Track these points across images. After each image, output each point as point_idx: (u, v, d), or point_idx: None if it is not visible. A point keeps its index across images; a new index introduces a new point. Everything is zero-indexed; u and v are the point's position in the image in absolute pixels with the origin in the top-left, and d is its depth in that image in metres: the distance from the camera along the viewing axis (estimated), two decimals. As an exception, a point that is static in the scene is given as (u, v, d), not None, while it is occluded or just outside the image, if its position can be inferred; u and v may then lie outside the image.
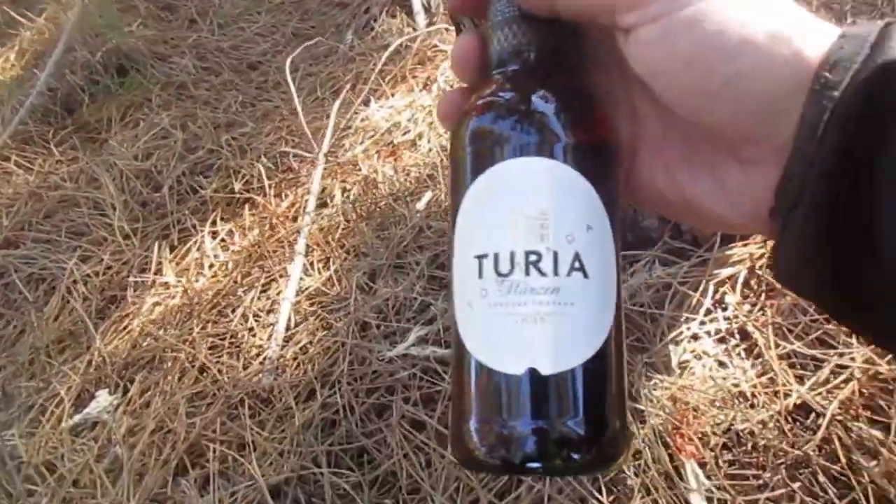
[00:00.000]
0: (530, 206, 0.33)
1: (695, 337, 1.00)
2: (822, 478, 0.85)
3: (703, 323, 1.01)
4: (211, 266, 1.41)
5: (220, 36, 2.19)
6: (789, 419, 0.90)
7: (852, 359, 0.92)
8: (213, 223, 1.51)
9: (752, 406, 0.92)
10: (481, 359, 0.33)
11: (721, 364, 0.97)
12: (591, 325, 0.33)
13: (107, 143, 1.87)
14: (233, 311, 1.27)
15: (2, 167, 1.87)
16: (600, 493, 0.87)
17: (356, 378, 1.07)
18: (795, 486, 0.84)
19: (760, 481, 0.86)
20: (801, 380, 0.93)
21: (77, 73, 2.08)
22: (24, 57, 2.31)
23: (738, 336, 1.00)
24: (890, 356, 0.90)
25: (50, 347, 1.36)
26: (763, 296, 1.02)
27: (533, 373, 0.32)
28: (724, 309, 1.02)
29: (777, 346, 0.96)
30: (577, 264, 0.33)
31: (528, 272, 0.33)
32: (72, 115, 2.03)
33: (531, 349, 0.32)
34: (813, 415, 0.90)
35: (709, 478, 0.87)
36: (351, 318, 1.15)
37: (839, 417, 0.88)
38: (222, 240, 1.47)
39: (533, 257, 0.33)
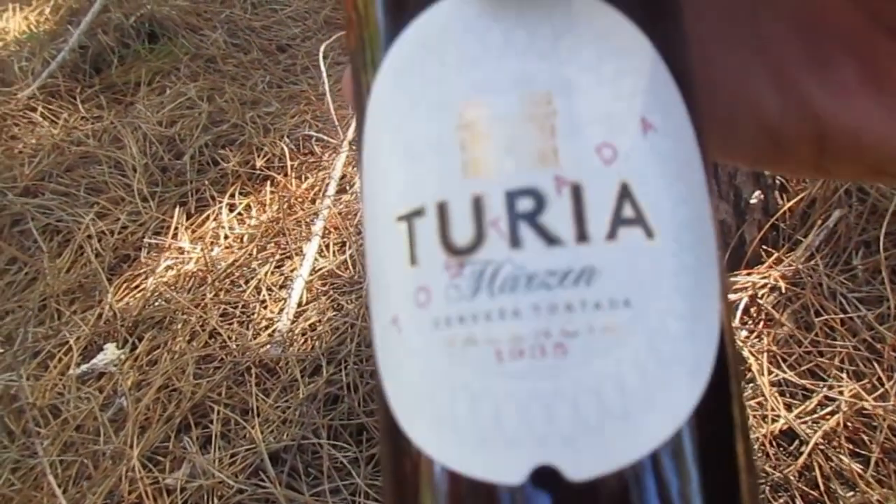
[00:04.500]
0: (513, 82, 0.16)
1: (692, 356, 1.04)
2: (799, 502, 0.89)
3: (701, 344, 1.05)
4: (226, 237, 1.44)
5: (252, 15, 2.22)
6: (774, 443, 0.94)
7: (840, 392, 0.96)
8: (232, 196, 1.54)
9: (740, 427, 0.96)
10: (425, 446, 0.16)
11: (715, 384, 1.01)
12: (675, 348, 0.16)
13: (132, 105, 1.90)
14: (246, 282, 1.30)
15: (27, 117, 1.89)
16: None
17: (363, 359, 1.10)
18: (775, 505, 0.89)
19: (741, 498, 0.90)
20: (789, 407, 0.97)
21: (109, 33, 2.11)
22: (59, 12, 2.33)
23: (733, 360, 1.04)
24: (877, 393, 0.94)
25: (60, 297, 1.39)
26: (761, 324, 1.06)
27: (546, 480, 0.15)
28: (723, 333, 1.07)
29: (770, 372, 1.00)
30: (628, 210, 0.16)
31: (516, 239, 0.15)
32: (99, 74, 2.05)
33: (539, 425, 0.15)
34: (797, 441, 0.94)
35: (693, 490, 0.91)
36: (363, 301, 1.18)
37: (822, 447, 0.93)
38: (239, 213, 1.50)
39: (526, 203, 0.15)
